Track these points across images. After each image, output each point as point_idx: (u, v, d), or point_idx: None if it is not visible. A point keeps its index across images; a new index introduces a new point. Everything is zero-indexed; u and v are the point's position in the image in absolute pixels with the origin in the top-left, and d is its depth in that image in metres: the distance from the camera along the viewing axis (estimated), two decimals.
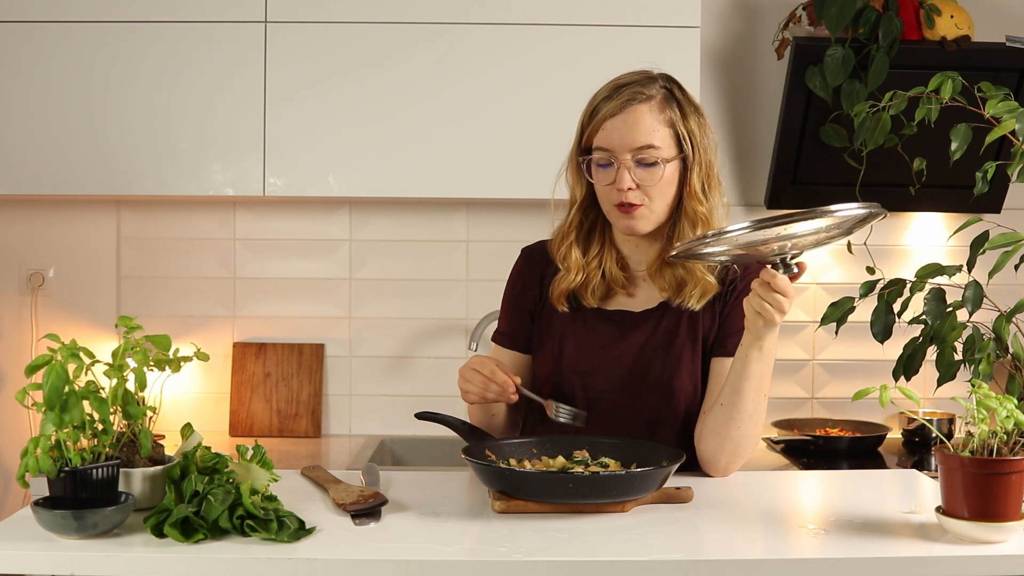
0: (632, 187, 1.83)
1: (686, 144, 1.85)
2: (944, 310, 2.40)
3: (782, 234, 1.57)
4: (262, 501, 1.46)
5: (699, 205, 1.87)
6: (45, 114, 2.76)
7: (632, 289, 1.95)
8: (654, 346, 1.90)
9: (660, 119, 1.83)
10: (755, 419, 1.80)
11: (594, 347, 1.92)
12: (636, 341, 1.91)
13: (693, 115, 1.87)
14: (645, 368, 1.90)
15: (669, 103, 1.85)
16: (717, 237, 1.59)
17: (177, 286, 3.12)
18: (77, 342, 1.48)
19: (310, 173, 2.78)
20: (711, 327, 1.90)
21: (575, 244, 1.93)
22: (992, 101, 2.26)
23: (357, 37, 2.76)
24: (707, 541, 1.50)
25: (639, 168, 1.83)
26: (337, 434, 3.14)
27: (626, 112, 1.83)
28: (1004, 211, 3.01)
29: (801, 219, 1.54)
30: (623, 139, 1.82)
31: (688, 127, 1.86)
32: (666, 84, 1.88)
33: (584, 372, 1.92)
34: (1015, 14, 3.09)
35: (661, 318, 1.91)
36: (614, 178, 1.84)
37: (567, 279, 1.93)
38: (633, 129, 1.82)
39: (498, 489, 1.59)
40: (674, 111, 1.85)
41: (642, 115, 1.83)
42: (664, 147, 1.83)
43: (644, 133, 1.82)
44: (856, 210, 1.55)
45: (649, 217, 1.86)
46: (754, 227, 1.54)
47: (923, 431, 2.96)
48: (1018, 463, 1.40)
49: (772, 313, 1.67)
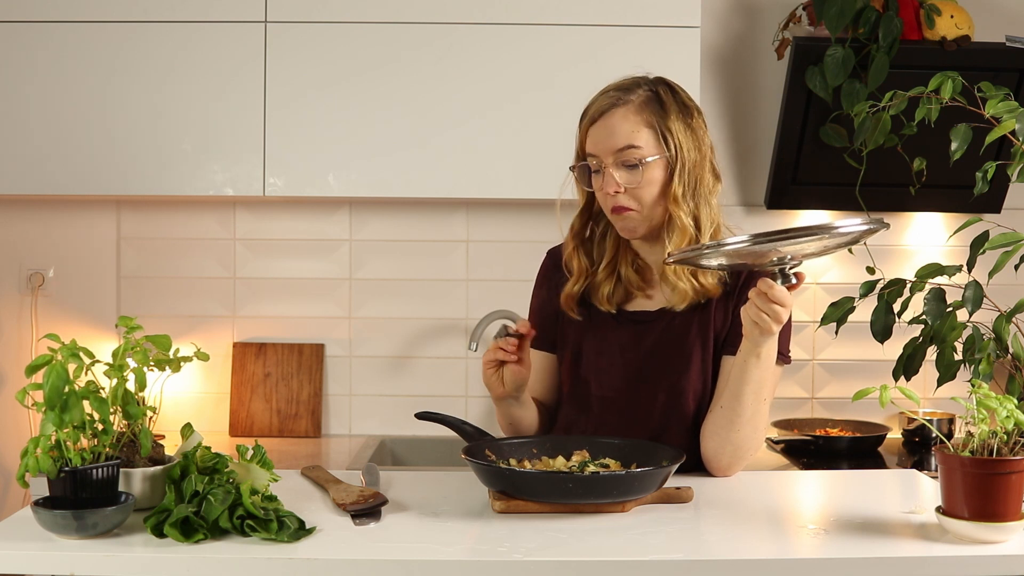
0: (619, 190, 1.84)
1: (670, 144, 1.85)
2: (944, 310, 2.40)
3: (781, 249, 1.58)
4: (262, 501, 1.46)
5: (677, 209, 1.85)
6: (45, 114, 2.76)
7: (650, 290, 1.96)
8: (666, 345, 1.91)
9: (638, 120, 1.84)
10: (755, 423, 1.81)
11: (612, 348, 1.93)
12: (651, 341, 1.92)
13: (679, 116, 1.86)
14: (657, 367, 1.90)
15: (650, 104, 1.86)
16: (715, 249, 1.59)
17: (177, 286, 3.12)
18: (77, 342, 1.48)
19: (310, 173, 2.78)
20: (723, 325, 1.90)
21: (577, 250, 1.95)
22: (992, 101, 2.26)
23: (357, 37, 2.76)
24: (707, 541, 1.50)
25: (622, 171, 1.85)
26: (337, 434, 3.14)
27: (605, 117, 1.86)
28: (1004, 211, 3.01)
29: (803, 236, 1.54)
30: (604, 143, 1.85)
31: (669, 127, 1.85)
32: (652, 87, 1.88)
33: (600, 372, 1.93)
34: (1015, 14, 3.09)
35: (675, 316, 1.91)
36: (602, 183, 1.87)
37: (570, 285, 1.94)
38: (612, 132, 1.84)
39: (498, 489, 1.59)
40: (654, 112, 1.85)
41: (619, 119, 1.85)
42: (646, 147, 1.84)
43: (622, 135, 1.84)
44: (858, 227, 1.55)
45: (641, 220, 1.87)
46: (753, 242, 1.55)
47: (923, 431, 2.96)
48: (1018, 463, 1.40)
49: (769, 323, 1.67)
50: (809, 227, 1.55)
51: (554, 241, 2.05)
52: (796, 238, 1.54)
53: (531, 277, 2.06)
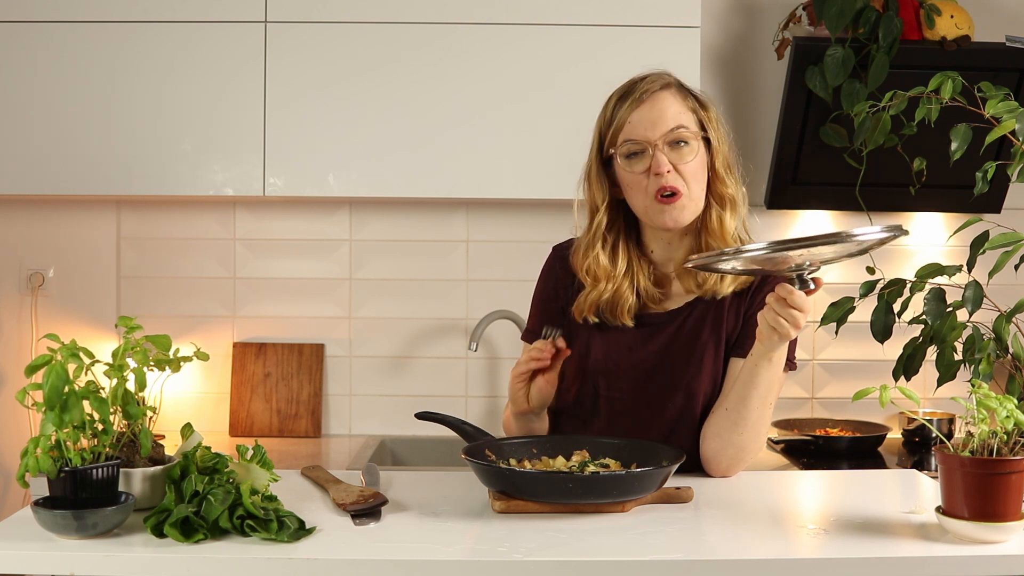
0: (670, 169, 1.81)
1: (709, 127, 1.86)
2: (944, 310, 2.40)
3: (802, 254, 1.57)
4: (262, 501, 1.46)
5: (724, 187, 1.87)
6: (45, 114, 2.76)
7: (666, 301, 1.93)
8: (679, 347, 1.89)
9: (684, 105, 1.85)
10: (759, 426, 1.81)
11: (621, 349, 1.91)
12: (662, 341, 1.90)
13: (707, 103, 1.89)
14: (668, 369, 1.89)
15: (683, 91, 1.88)
16: (735, 254, 1.59)
17: (177, 286, 3.12)
18: (77, 342, 1.48)
19: (310, 173, 2.78)
20: (735, 326, 1.90)
21: (601, 254, 1.89)
22: (992, 101, 2.26)
23: (357, 37, 2.76)
24: (707, 541, 1.50)
25: (672, 151, 1.82)
26: (337, 434, 3.14)
27: (651, 100, 1.83)
28: (1004, 211, 3.01)
29: (823, 243, 1.54)
30: (654, 125, 1.82)
31: (707, 113, 1.87)
32: (675, 79, 1.89)
33: (609, 373, 1.91)
34: (1015, 14, 3.09)
35: (688, 316, 1.90)
36: (648, 165, 1.82)
37: (596, 290, 1.88)
38: (662, 114, 1.82)
39: (498, 489, 1.59)
40: (691, 99, 1.87)
41: (668, 100, 1.84)
42: (692, 128, 1.84)
43: (673, 116, 1.83)
44: (878, 234, 1.54)
45: (689, 205, 1.84)
46: (773, 248, 1.54)
47: (923, 431, 2.96)
48: (1018, 463, 1.40)
49: (788, 328, 1.67)
50: (829, 234, 1.54)
51: (553, 241, 2.03)
52: (816, 245, 1.53)
53: (531, 277, 2.04)
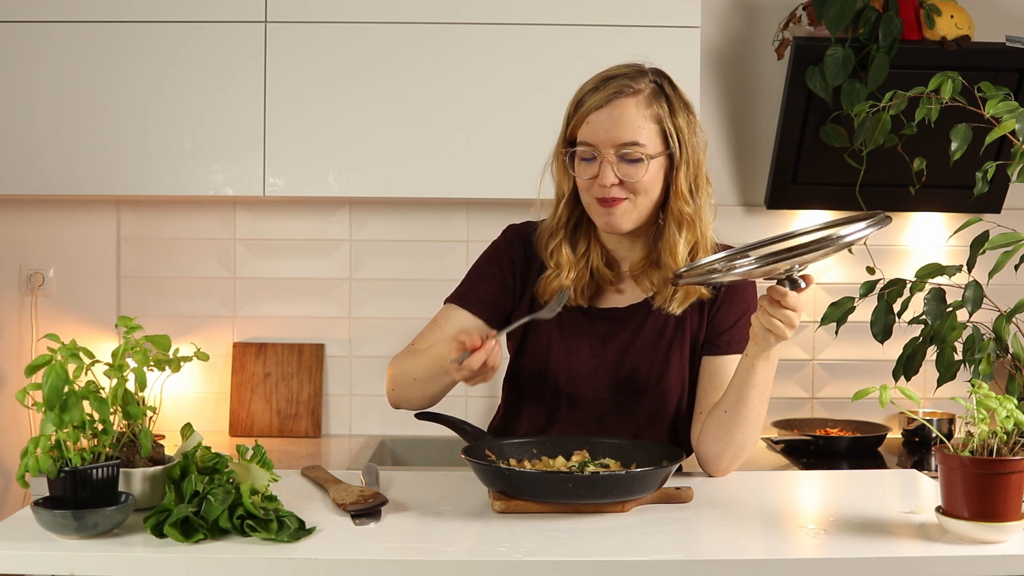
0: (615, 183, 1.77)
1: (673, 141, 1.79)
2: (944, 310, 2.40)
3: (793, 263, 1.57)
4: (262, 501, 1.46)
5: (685, 205, 1.81)
6: (45, 114, 2.76)
7: (620, 285, 1.91)
8: (642, 346, 1.88)
9: (646, 114, 1.77)
10: (756, 423, 1.80)
11: (582, 346, 1.89)
12: (624, 340, 1.89)
13: (682, 112, 1.81)
14: (634, 369, 1.88)
15: (657, 98, 1.79)
16: (727, 271, 1.59)
17: (177, 286, 3.12)
18: (77, 342, 1.48)
19: (310, 173, 2.78)
20: (699, 328, 1.88)
21: (565, 241, 1.87)
22: (992, 101, 2.26)
23: (357, 37, 2.76)
24: (707, 541, 1.50)
25: (623, 163, 1.77)
26: (337, 434, 3.14)
27: (611, 106, 1.77)
28: (1004, 211, 3.01)
29: (811, 251, 1.53)
30: (607, 133, 1.76)
31: (676, 124, 1.79)
32: (656, 79, 1.82)
33: (571, 371, 1.89)
34: (1015, 14, 3.09)
35: (648, 315, 1.88)
36: (596, 172, 1.78)
37: (559, 278, 1.86)
38: (618, 124, 1.76)
39: (498, 489, 1.59)
40: (662, 107, 1.79)
41: (628, 109, 1.76)
42: (650, 144, 1.77)
43: (629, 128, 1.76)
44: (862, 231, 1.54)
45: (631, 214, 1.80)
46: (762, 263, 1.55)
47: (923, 431, 2.96)
48: (1018, 463, 1.40)
49: (783, 329, 1.66)
50: (816, 240, 1.53)
51: None
52: (804, 253, 1.53)
53: None
